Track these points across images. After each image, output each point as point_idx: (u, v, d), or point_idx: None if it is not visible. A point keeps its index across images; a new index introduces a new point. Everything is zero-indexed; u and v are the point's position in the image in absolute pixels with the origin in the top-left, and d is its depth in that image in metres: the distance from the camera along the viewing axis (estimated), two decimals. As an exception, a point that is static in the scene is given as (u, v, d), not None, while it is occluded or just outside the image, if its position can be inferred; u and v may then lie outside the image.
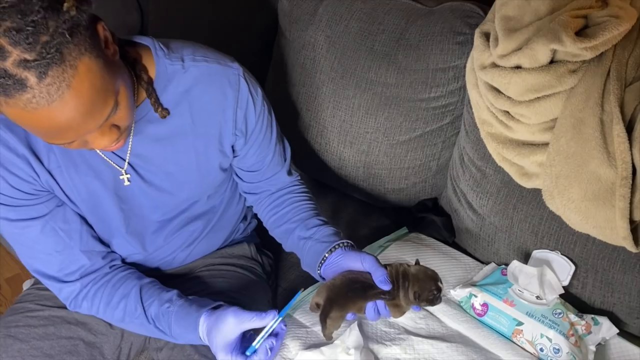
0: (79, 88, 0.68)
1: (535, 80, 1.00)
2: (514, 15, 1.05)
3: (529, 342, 1.05)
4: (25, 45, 0.63)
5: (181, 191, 1.01)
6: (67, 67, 0.66)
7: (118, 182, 0.95)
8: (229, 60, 0.97)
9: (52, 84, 0.66)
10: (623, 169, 0.93)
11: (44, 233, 0.92)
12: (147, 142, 0.93)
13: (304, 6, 1.46)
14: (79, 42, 0.67)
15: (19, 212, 0.90)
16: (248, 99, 0.97)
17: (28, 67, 0.64)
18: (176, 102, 0.92)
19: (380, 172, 1.41)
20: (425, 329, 1.10)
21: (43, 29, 0.64)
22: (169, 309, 0.95)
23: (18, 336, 1.00)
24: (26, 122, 0.70)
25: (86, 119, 0.71)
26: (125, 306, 0.97)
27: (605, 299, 1.11)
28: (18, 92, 0.65)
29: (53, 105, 0.67)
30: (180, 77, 0.91)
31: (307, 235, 1.03)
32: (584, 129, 0.98)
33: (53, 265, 0.95)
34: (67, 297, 0.98)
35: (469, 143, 1.25)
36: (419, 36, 1.29)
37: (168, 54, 0.91)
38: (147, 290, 0.98)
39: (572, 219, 1.04)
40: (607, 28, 0.94)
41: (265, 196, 1.12)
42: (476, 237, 1.28)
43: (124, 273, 1.01)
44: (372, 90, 1.35)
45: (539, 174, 1.08)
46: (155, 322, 0.96)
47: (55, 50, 0.65)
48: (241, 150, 1.03)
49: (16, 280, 2.05)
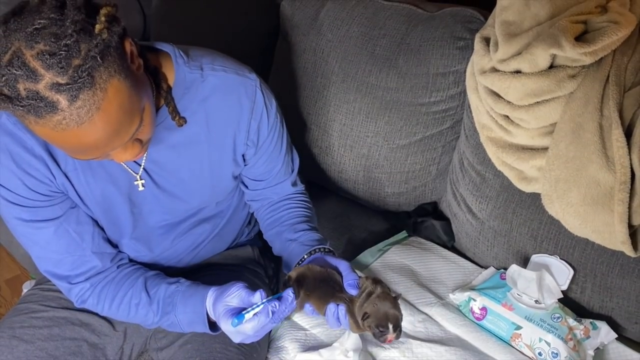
0: (108, 110, 0.69)
1: (535, 85, 1.01)
2: (514, 21, 1.05)
3: (527, 346, 1.05)
4: (58, 69, 0.64)
5: (193, 198, 1.02)
6: (97, 90, 0.67)
7: (132, 187, 0.96)
8: (247, 70, 0.98)
9: (83, 107, 0.67)
10: (622, 174, 0.94)
11: (57, 235, 0.93)
12: (162, 149, 0.94)
13: (306, 11, 1.46)
14: (109, 65, 0.68)
15: (34, 213, 0.90)
16: (263, 110, 0.98)
17: (60, 91, 0.65)
18: (193, 110, 0.93)
19: (381, 175, 1.42)
20: (424, 333, 1.10)
21: (75, 53, 0.65)
22: (177, 289, 0.95)
23: (23, 337, 1.00)
24: (54, 140, 0.71)
25: (113, 138, 0.73)
26: (130, 297, 0.97)
27: (603, 303, 1.11)
28: (49, 114, 0.66)
29: (82, 126, 0.68)
30: (198, 86, 0.92)
31: (292, 237, 1.04)
32: (583, 133, 0.98)
33: (64, 266, 0.96)
34: (76, 295, 0.98)
35: (469, 147, 1.26)
36: (420, 41, 1.30)
37: (187, 62, 0.91)
38: (152, 279, 0.99)
39: (571, 223, 1.04)
40: (607, 33, 0.94)
41: (266, 203, 1.13)
42: (475, 241, 1.28)
43: (129, 269, 1.01)
44: (372, 95, 1.36)
45: (538, 178, 1.09)
46: (160, 306, 0.96)
47: (87, 74, 0.66)
48: (250, 159, 1.04)
49: (16, 282, 2.05)
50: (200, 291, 0.93)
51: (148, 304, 0.96)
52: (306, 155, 1.49)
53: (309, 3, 1.48)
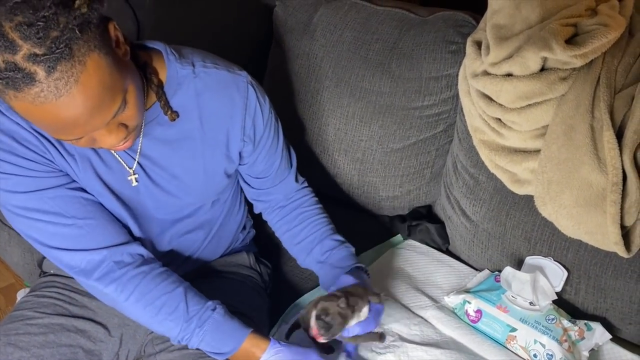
0: (86, 84, 0.69)
1: (526, 88, 1.01)
2: (504, 24, 1.06)
3: (522, 348, 1.05)
4: (35, 40, 0.65)
5: (186, 195, 1.02)
6: (75, 63, 0.67)
7: (127, 182, 0.96)
8: (237, 68, 0.99)
9: (61, 79, 0.67)
10: (613, 175, 0.94)
11: (64, 200, 0.89)
12: (155, 144, 0.94)
13: (299, 16, 1.47)
14: (89, 39, 0.69)
15: (38, 182, 0.87)
16: (256, 105, 0.99)
17: (37, 62, 0.65)
18: (186, 106, 0.94)
19: (375, 179, 1.42)
20: (419, 336, 1.10)
21: (54, 25, 0.65)
22: (213, 316, 0.94)
23: (18, 344, 0.99)
24: (34, 116, 0.70)
25: (93, 115, 0.72)
26: (163, 304, 0.93)
27: (598, 304, 1.11)
28: (27, 86, 0.66)
29: (61, 99, 0.68)
30: (190, 82, 0.93)
31: (322, 259, 1.09)
32: (575, 135, 0.99)
33: (75, 238, 0.90)
34: (93, 268, 0.91)
35: (462, 150, 1.26)
36: (412, 45, 1.31)
37: (179, 58, 0.93)
38: (192, 293, 0.95)
39: (564, 224, 1.05)
40: (597, 36, 0.95)
41: (275, 206, 1.15)
42: (470, 243, 1.29)
43: (162, 269, 0.97)
44: (366, 99, 1.36)
45: (531, 180, 1.09)
46: (193, 326, 0.93)
47: (64, 45, 0.66)
48: (250, 156, 1.04)
49: (10, 290, 2.04)
50: (238, 332, 0.94)
51: (183, 320, 0.92)
52: (300, 160, 1.48)
53: (302, 8, 1.48)
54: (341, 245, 1.11)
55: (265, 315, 1.16)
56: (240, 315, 1.02)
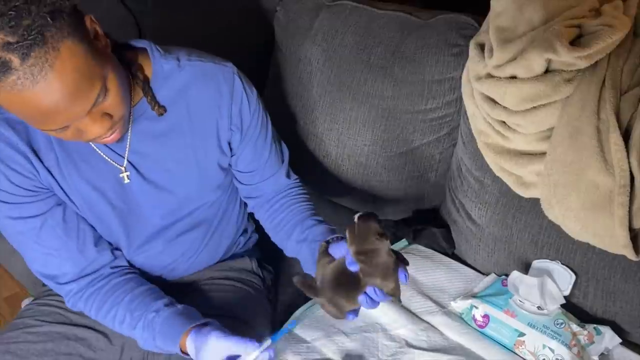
0: (61, 70, 0.71)
1: (531, 90, 1.00)
2: (508, 26, 1.05)
3: (531, 353, 1.04)
4: (7, 29, 0.67)
5: (180, 189, 1.02)
6: (49, 49, 0.69)
7: (118, 181, 0.96)
8: (223, 60, 1.01)
9: (35, 65, 0.68)
10: (621, 177, 0.93)
11: (42, 231, 0.93)
12: (145, 139, 0.95)
13: (300, 21, 1.47)
14: (62, 26, 0.70)
15: (20, 209, 0.91)
16: (242, 94, 1.00)
17: (11, 50, 0.67)
18: (173, 99, 0.95)
19: (379, 184, 1.41)
20: (426, 342, 1.09)
21: (25, 13, 0.68)
22: (154, 320, 0.95)
23: (17, 352, 0.99)
24: (14, 105, 0.72)
25: (72, 101, 0.73)
26: (115, 315, 0.97)
27: (607, 308, 1.10)
28: (4, 75, 0.68)
29: (38, 86, 0.69)
30: (177, 76, 0.95)
31: (302, 237, 1.04)
32: (581, 137, 0.98)
33: (51, 265, 0.96)
34: (66, 294, 0.99)
35: (467, 154, 1.25)
36: (415, 48, 1.30)
37: (164, 54, 0.94)
38: (139, 300, 0.98)
39: (572, 227, 1.04)
40: (601, 37, 0.94)
41: (264, 201, 1.13)
42: (476, 247, 1.28)
43: (121, 278, 1.01)
44: (368, 103, 1.35)
45: (537, 183, 1.08)
46: (142, 331, 0.96)
47: (36, 32, 0.68)
48: (238, 147, 1.04)
49: (15, 299, 2.04)
50: (176, 333, 0.93)
51: (130, 327, 0.97)
52: (303, 165, 1.48)
53: (304, 13, 1.48)
54: (322, 223, 1.05)
55: (266, 321, 1.15)
56: (240, 321, 1.01)
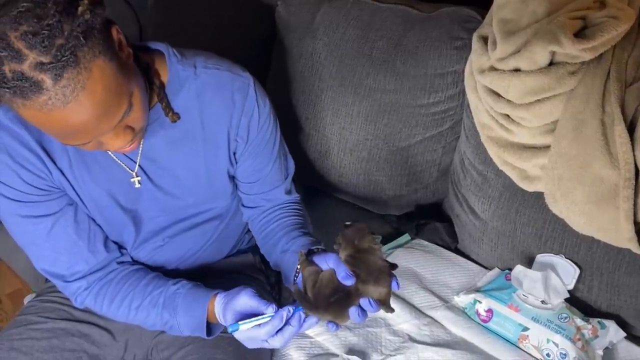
0: (93, 89, 0.70)
1: (535, 83, 1.00)
2: (511, 18, 1.04)
3: (535, 348, 1.04)
4: (41, 49, 0.65)
5: (189, 196, 1.01)
6: (81, 70, 0.68)
7: (129, 185, 0.96)
8: (241, 69, 0.99)
9: (67, 86, 0.67)
10: (626, 170, 0.93)
11: (53, 231, 0.93)
12: (157, 145, 0.94)
13: (301, 15, 1.46)
14: (93, 45, 0.69)
15: (31, 208, 0.90)
16: (254, 108, 0.98)
17: (44, 70, 0.66)
18: (187, 107, 0.93)
19: (381, 178, 1.41)
20: (429, 337, 1.09)
21: (58, 33, 0.66)
22: (178, 291, 0.95)
23: (22, 349, 0.99)
24: (42, 123, 0.71)
25: (101, 120, 0.73)
26: (131, 300, 0.96)
27: (611, 302, 1.10)
28: (35, 95, 0.66)
29: (68, 107, 0.69)
30: (192, 83, 0.93)
31: (285, 248, 1.00)
32: (585, 130, 0.97)
33: (60, 264, 0.95)
34: (73, 294, 0.98)
35: (470, 147, 1.25)
36: (417, 42, 1.29)
37: (181, 60, 0.93)
38: (154, 281, 0.98)
39: (576, 221, 1.03)
40: (606, 29, 0.93)
41: (259, 212, 1.10)
42: (479, 242, 1.27)
43: (130, 268, 1.00)
44: (371, 97, 1.35)
45: (541, 177, 1.07)
46: (160, 309, 0.95)
47: (70, 53, 0.66)
48: (241, 156, 1.03)
49: (17, 296, 2.04)
50: (202, 297, 0.93)
51: (149, 307, 0.95)
52: (305, 160, 1.48)
53: (305, 7, 1.47)
54: (307, 235, 1.02)
55: None
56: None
